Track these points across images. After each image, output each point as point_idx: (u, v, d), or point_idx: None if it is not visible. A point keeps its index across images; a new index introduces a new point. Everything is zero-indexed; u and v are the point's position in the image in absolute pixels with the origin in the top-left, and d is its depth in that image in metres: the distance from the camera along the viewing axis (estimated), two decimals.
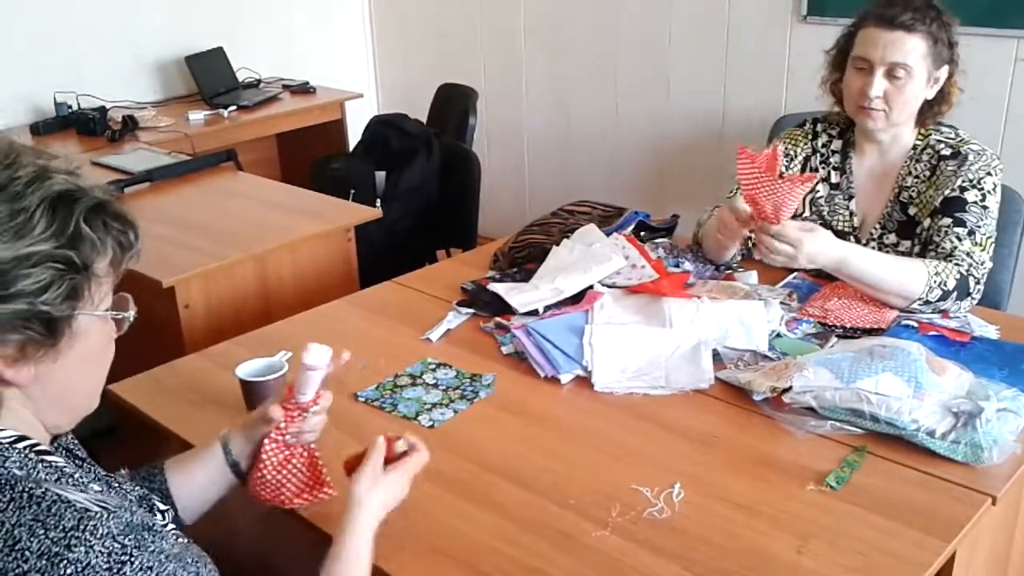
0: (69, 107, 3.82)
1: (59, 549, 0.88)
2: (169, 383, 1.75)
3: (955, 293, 1.80)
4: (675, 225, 2.29)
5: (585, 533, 1.30)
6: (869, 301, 1.85)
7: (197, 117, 3.91)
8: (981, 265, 1.85)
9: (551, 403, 1.65)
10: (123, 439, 2.05)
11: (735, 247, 2.05)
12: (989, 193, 1.89)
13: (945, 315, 1.82)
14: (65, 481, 0.98)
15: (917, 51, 1.87)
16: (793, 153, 2.12)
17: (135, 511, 1.00)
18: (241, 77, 4.36)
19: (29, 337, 0.94)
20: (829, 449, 1.46)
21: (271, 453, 1.30)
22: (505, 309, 1.92)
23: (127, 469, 1.33)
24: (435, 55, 4.69)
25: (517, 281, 2.05)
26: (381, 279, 2.20)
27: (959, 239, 1.86)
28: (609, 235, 2.12)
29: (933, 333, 1.74)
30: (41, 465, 0.97)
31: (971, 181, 1.89)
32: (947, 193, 1.91)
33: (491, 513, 1.35)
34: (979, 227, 1.86)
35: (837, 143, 2.09)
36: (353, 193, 3.22)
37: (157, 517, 1.16)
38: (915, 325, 1.76)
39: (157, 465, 1.33)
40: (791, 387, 1.54)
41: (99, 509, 0.93)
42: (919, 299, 1.80)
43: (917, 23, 1.86)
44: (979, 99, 2.97)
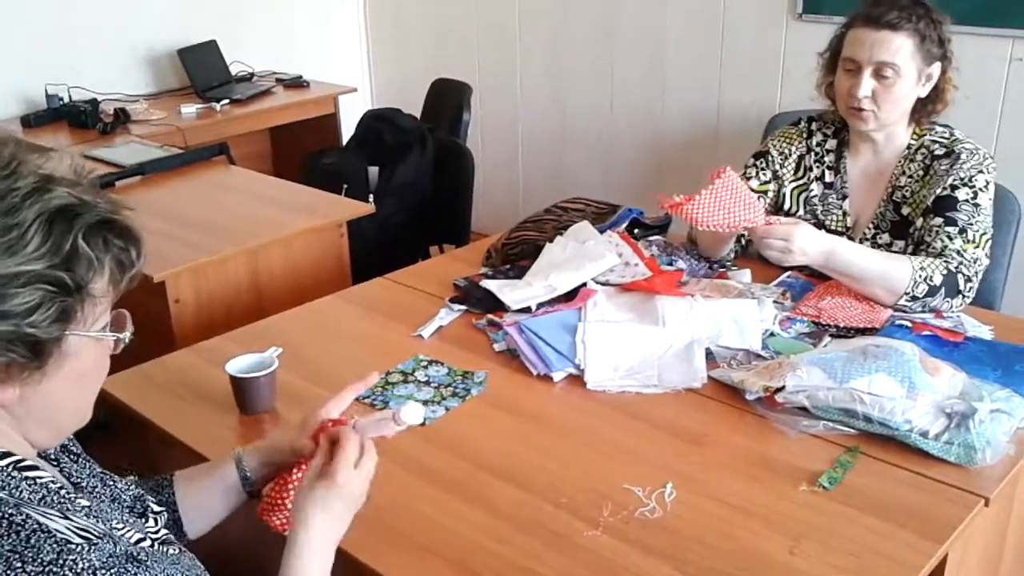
0: (60, 99, 3.80)
1: None
2: (159, 379, 1.74)
3: (943, 289, 1.80)
4: (669, 223, 2.28)
5: (577, 532, 1.29)
6: (863, 300, 1.84)
7: (189, 110, 3.89)
8: (974, 263, 1.84)
9: (543, 401, 1.64)
10: (116, 434, 2.04)
11: (730, 243, 2.05)
12: (981, 191, 1.89)
13: (939, 315, 1.82)
14: (50, 501, 0.93)
15: (904, 49, 1.86)
16: (787, 152, 2.11)
17: (119, 540, 0.95)
18: (234, 71, 4.34)
19: (12, 360, 0.90)
20: (822, 449, 1.46)
21: (296, 484, 1.24)
22: (498, 306, 1.91)
23: (136, 476, 1.30)
24: (430, 50, 4.67)
25: (510, 278, 2.04)
26: (374, 275, 2.19)
27: (949, 238, 1.86)
28: (603, 232, 2.11)
29: (927, 333, 1.73)
30: (25, 483, 0.93)
31: (962, 179, 1.89)
32: (939, 192, 1.90)
33: (482, 512, 1.34)
34: (971, 225, 1.86)
35: (832, 142, 2.08)
36: (346, 188, 3.21)
37: (149, 522, 1.14)
38: (909, 325, 1.76)
39: (167, 477, 1.29)
40: (784, 386, 1.53)
41: (80, 541, 0.89)
42: (906, 294, 1.79)
43: (903, 21, 1.85)
44: (974, 98, 2.98)
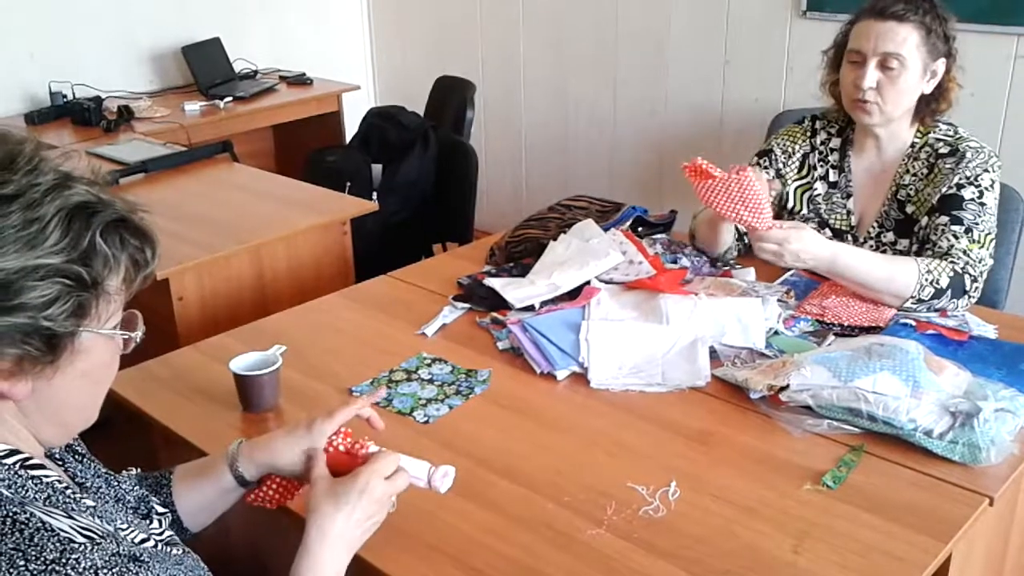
0: (64, 96, 3.80)
1: None
2: (162, 376, 1.74)
3: (949, 291, 1.79)
4: (673, 221, 2.28)
5: (580, 531, 1.29)
6: (867, 299, 1.84)
7: (193, 108, 3.89)
8: (979, 263, 1.84)
9: (547, 399, 1.64)
10: (118, 431, 2.03)
11: (728, 239, 2.04)
12: (987, 190, 1.88)
13: (943, 314, 1.81)
14: (55, 500, 0.94)
15: (910, 41, 1.86)
16: (791, 150, 2.11)
17: (122, 540, 0.95)
18: (238, 68, 4.34)
19: (27, 352, 0.91)
20: (826, 448, 1.46)
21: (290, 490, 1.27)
22: (501, 304, 1.91)
23: (138, 470, 1.30)
24: (433, 47, 4.67)
25: (513, 276, 2.04)
26: (377, 273, 2.19)
27: (956, 237, 1.85)
28: (606, 230, 2.11)
29: (931, 332, 1.73)
30: (31, 482, 0.94)
31: (968, 178, 1.88)
32: (944, 191, 1.90)
33: (486, 510, 1.34)
34: (976, 224, 1.86)
35: (836, 141, 2.08)
36: (349, 186, 3.21)
37: (153, 524, 1.14)
38: (913, 324, 1.76)
39: (166, 474, 1.29)
40: (788, 385, 1.53)
41: (83, 540, 0.90)
42: (912, 297, 1.79)
43: (909, 13, 1.85)
44: (978, 96, 2.97)
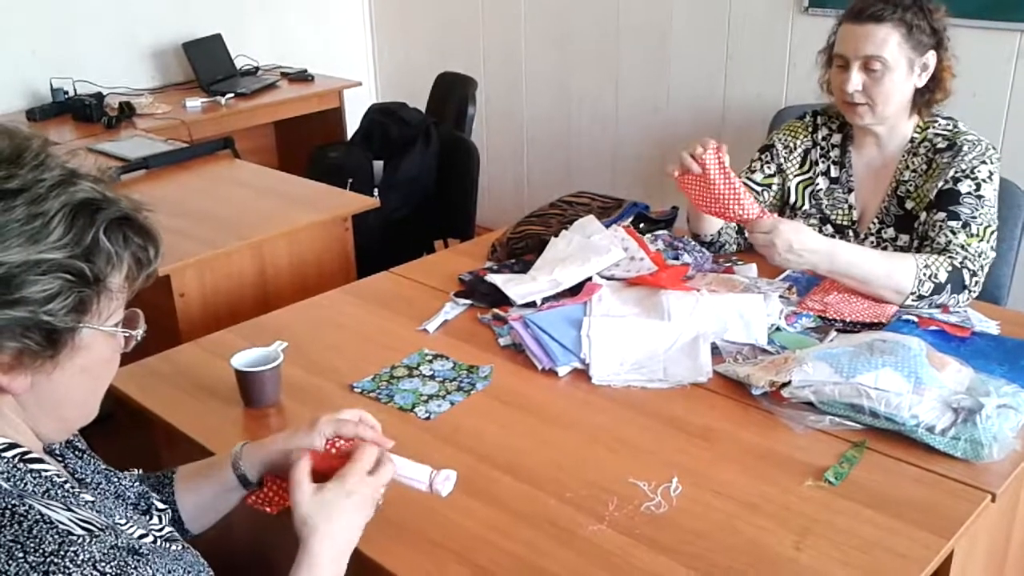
0: (66, 93, 3.80)
1: (37, 575, 0.85)
2: (164, 372, 1.74)
3: (949, 286, 1.79)
4: (674, 217, 2.28)
5: (582, 527, 1.29)
6: (868, 295, 1.84)
7: (194, 104, 3.89)
8: (979, 256, 1.83)
9: (548, 396, 1.64)
10: (118, 427, 2.03)
11: (714, 223, 2.05)
12: (984, 182, 1.88)
13: (945, 310, 1.81)
14: (54, 494, 0.95)
15: (890, 41, 1.85)
16: (792, 146, 2.11)
17: (121, 534, 0.96)
18: (239, 64, 4.34)
19: (27, 346, 0.91)
20: (828, 444, 1.46)
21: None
22: (503, 300, 1.90)
23: (139, 471, 1.30)
24: (435, 44, 4.66)
25: (515, 272, 2.03)
26: (379, 269, 2.19)
27: (953, 232, 1.84)
28: (608, 227, 2.11)
29: (933, 328, 1.73)
30: (30, 476, 0.94)
31: (964, 171, 1.88)
32: (941, 185, 1.90)
33: (487, 505, 1.34)
34: (974, 218, 1.85)
35: (837, 136, 2.07)
36: (351, 182, 3.20)
37: (153, 520, 1.14)
38: (915, 320, 1.75)
39: (168, 473, 1.29)
40: (790, 381, 1.53)
41: (82, 532, 0.90)
42: (912, 293, 1.78)
43: (887, 12, 1.85)
44: (980, 93, 2.97)
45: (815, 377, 1.52)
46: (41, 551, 0.86)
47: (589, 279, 1.92)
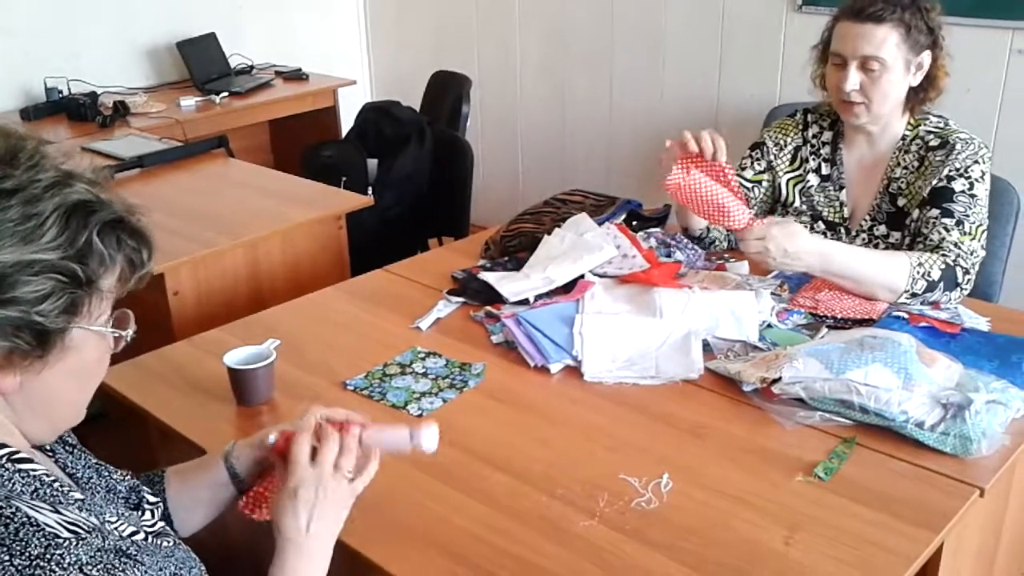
0: (60, 92, 3.79)
1: None
2: (157, 370, 1.74)
3: (942, 284, 1.79)
4: (667, 215, 2.28)
5: (573, 523, 1.30)
6: (862, 294, 1.84)
7: (188, 103, 3.89)
8: (971, 255, 1.84)
9: (540, 392, 1.64)
10: (112, 425, 2.04)
11: (699, 219, 2.04)
12: (977, 181, 1.88)
13: (936, 306, 1.82)
14: (43, 494, 0.94)
15: (889, 41, 1.85)
16: (783, 143, 2.11)
17: (109, 535, 0.96)
18: (233, 63, 4.33)
19: (17, 346, 0.91)
20: (818, 440, 1.46)
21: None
22: (496, 298, 1.91)
23: (130, 474, 1.28)
24: (430, 42, 4.66)
25: (508, 270, 2.04)
26: (373, 267, 2.19)
27: (947, 230, 1.85)
28: (601, 224, 2.11)
29: (924, 324, 1.73)
30: (18, 475, 0.94)
31: (958, 170, 1.89)
32: (934, 183, 1.90)
33: (479, 502, 1.35)
34: (967, 216, 1.86)
35: (828, 134, 2.08)
36: (345, 180, 3.21)
37: (145, 515, 1.14)
38: (906, 316, 1.76)
39: (158, 474, 1.29)
40: (780, 378, 1.53)
41: (69, 535, 0.90)
42: (905, 291, 1.79)
43: (887, 13, 1.85)
44: (974, 90, 2.98)
45: (805, 373, 1.52)
46: (27, 554, 0.86)
47: (582, 276, 1.93)
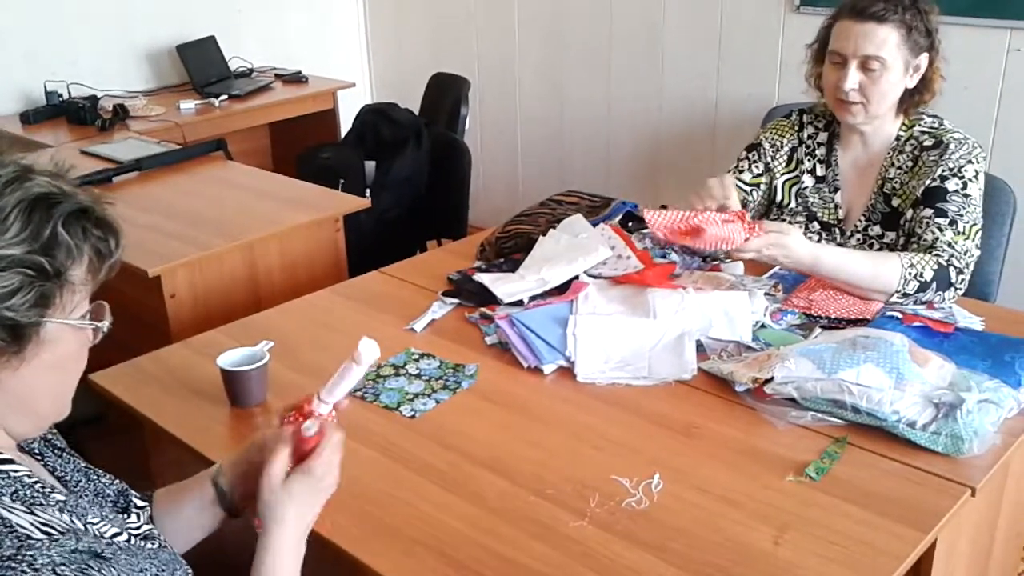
0: (60, 96, 3.81)
1: None
2: (152, 372, 1.74)
3: (935, 284, 1.79)
4: None
5: (563, 523, 1.30)
6: (855, 295, 1.84)
7: (188, 106, 3.90)
8: (964, 254, 1.84)
9: (533, 393, 1.64)
10: (109, 428, 2.04)
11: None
12: (971, 181, 1.88)
13: (930, 306, 1.81)
14: (22, 495, 0.94)
15: (890, 42, 1.85)
16: (779, 144, 2.11)
17: (84, 536, 0.95)
18: (233, 66, 4.35)
19: None
20: (810, 440, 1.46)
21: None
22: (491, 299, 1.91)
23: (120, 478, 1.29)
24: (429, 44, 4.67)
25: (503, 271, 2.04)
26: (371, 269, 2.19)
27: (940, 230, 1.85)
28: (595, 225, 2.12)
29: (917, 324, 1.73)
30: None
31: (951, 170, 1.89)
32: (928, 183, 1.90)
33: (469, 502, 1.35)
34: (961, 216, 1.86)
35: (823, 135, 2.08)
36: (343, 183, 3.21)
37: (131, 518, 1.14)
38: (899, 316, 1.76)
39: (147, 496, 1.27)
40: (773, 378, 1.53)
41: (42, 536, 0.90)
42: (897, 292, 1.79)
43: (889, 13, 1.84)
44: (972, 89, 2.98)
45: (797, 373, 1.52)
46: None
47: (576, 277, 1.93)
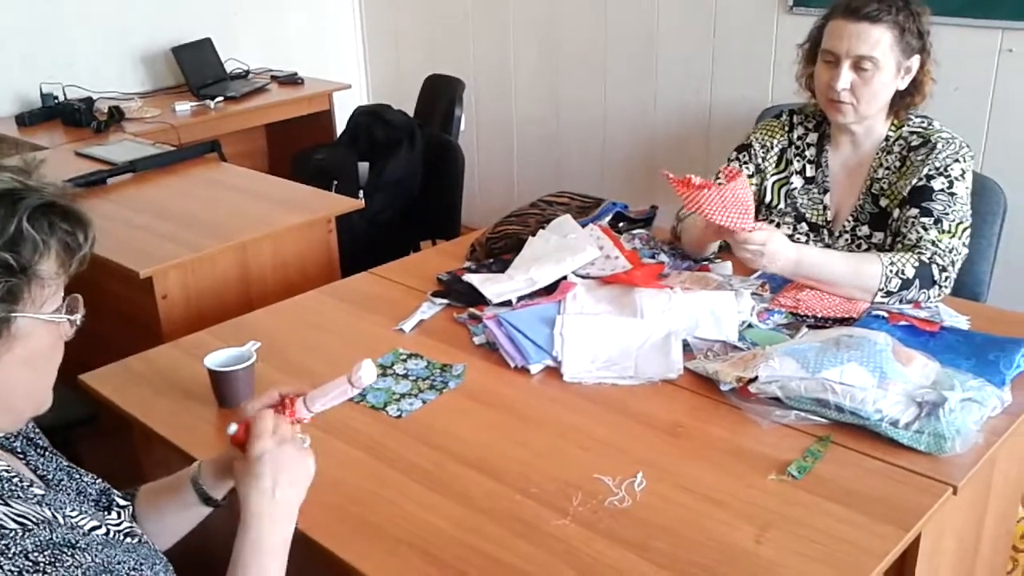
0: (55, 98, 3.82)
1: None
2: (141, 373, 1.75)
3: (917, 282, 1.80)
4: (653, 216, 2.29)
5: (546, 522, 1.30)
6: (839, 295, 1.84)
7: (183, 108, 3.91)
8: (949, 252, 1.84)
9: (520, 393, 1.65)
10: (101, 428, 2.05)
11: (714, 247, 2.06)
12: (957, 180, 1.89)
13: (916, 305, 1.82)
14: None
15: (883, 42, 1.86)
16: (769, 145, 2.11)
17: (58, 528, 0.96)
18: (229, 68, 4.35)
19: None
20: (794, 439, 1.47)
21: None
22: (479, 300, 1.92)
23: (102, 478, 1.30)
24: (424, 46, 4.68)
25: (493, 272, 2.05)
26: (364, 270, 2.20)
27: (924, 229, 1.86)
28: (585, 226, 2.12)
29: (903, 323, 1.74)
30: None
31: (937, 169, 1.89)
32: (914, 182, 1.91)
33: (454, 502, 1.35)
34: (946, 215, 1.86)
35: (813, 136, 2.08)
36: (336, 184, 3.22)
37: (112, 515, 1.14)
38: (885, 315, 1.76)
39: (130, 495, 1.27)
40: (757, 377, 1.54)
41: (15, 527, 0.91)
42: (880, 290, 1.80)
43: (882, 13, 1.85)
44: (964, 90, 2.98)
45: (782, 372, 1.53)
46: None
47: (564, 278, 1.94)
